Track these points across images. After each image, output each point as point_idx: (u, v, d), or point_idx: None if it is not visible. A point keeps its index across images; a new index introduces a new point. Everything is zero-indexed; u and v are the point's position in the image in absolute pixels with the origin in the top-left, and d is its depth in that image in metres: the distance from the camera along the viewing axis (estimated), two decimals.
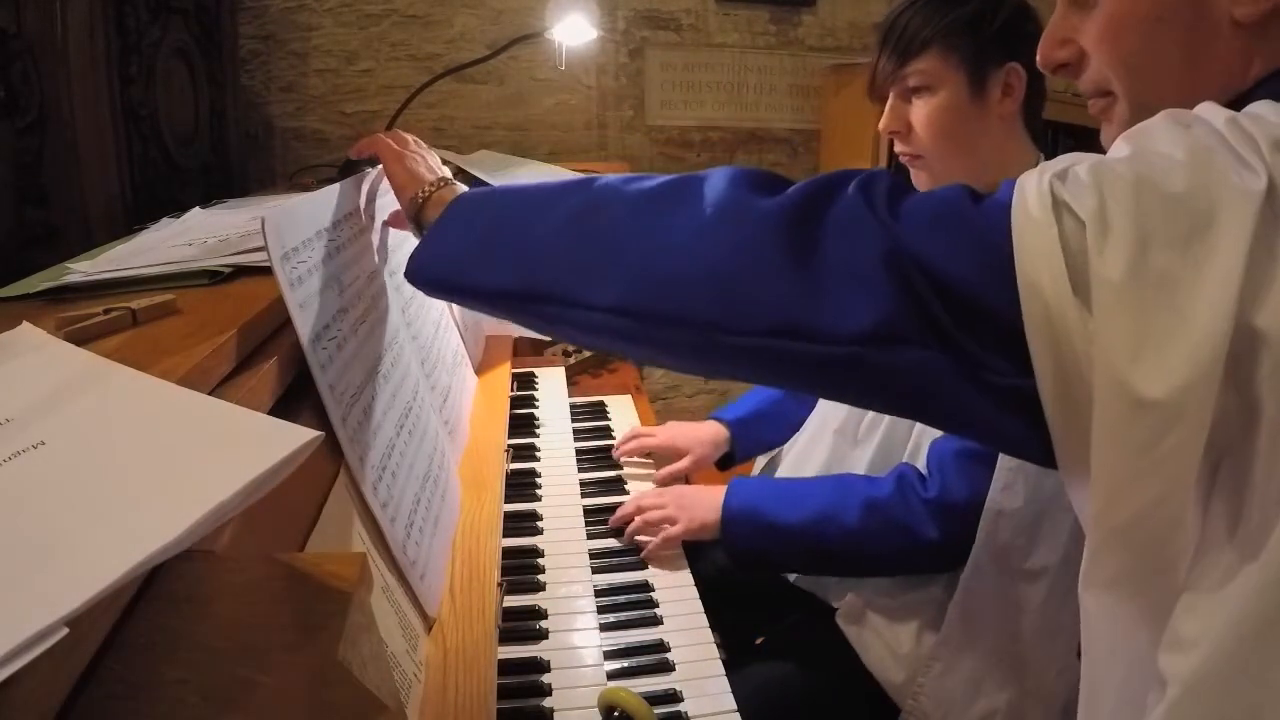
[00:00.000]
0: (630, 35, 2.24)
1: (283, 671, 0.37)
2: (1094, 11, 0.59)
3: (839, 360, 0.52)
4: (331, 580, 0.41)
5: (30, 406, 0.45)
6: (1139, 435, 0.43)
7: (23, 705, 0.30)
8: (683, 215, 0.59)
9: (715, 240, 0.57)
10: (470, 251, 0.70)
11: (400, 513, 0.72)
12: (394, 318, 0.86)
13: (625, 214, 0.63)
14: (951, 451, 1.02)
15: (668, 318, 0.58)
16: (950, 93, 1.06)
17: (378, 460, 0.71)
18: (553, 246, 0.64)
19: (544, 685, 0.89)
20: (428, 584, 0.73)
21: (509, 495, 1.14)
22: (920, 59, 1.05)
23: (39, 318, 0.60)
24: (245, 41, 1.97)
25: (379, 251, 0.88)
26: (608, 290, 0.60)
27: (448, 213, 0.73)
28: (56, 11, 1.19)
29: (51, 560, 0.33)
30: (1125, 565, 0.48)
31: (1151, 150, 0.47)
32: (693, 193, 0.60)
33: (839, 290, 0.52)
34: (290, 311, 0.63)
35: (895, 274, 0.50)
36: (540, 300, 0.64)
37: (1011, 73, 1.05)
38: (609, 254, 0.61)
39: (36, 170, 1.21)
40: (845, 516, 1.04)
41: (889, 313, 0.50)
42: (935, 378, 0.50)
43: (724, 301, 0.55)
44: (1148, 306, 0.43)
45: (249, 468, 0.38)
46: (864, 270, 0.51)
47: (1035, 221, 0.47)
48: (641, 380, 1.84)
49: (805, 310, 0.52)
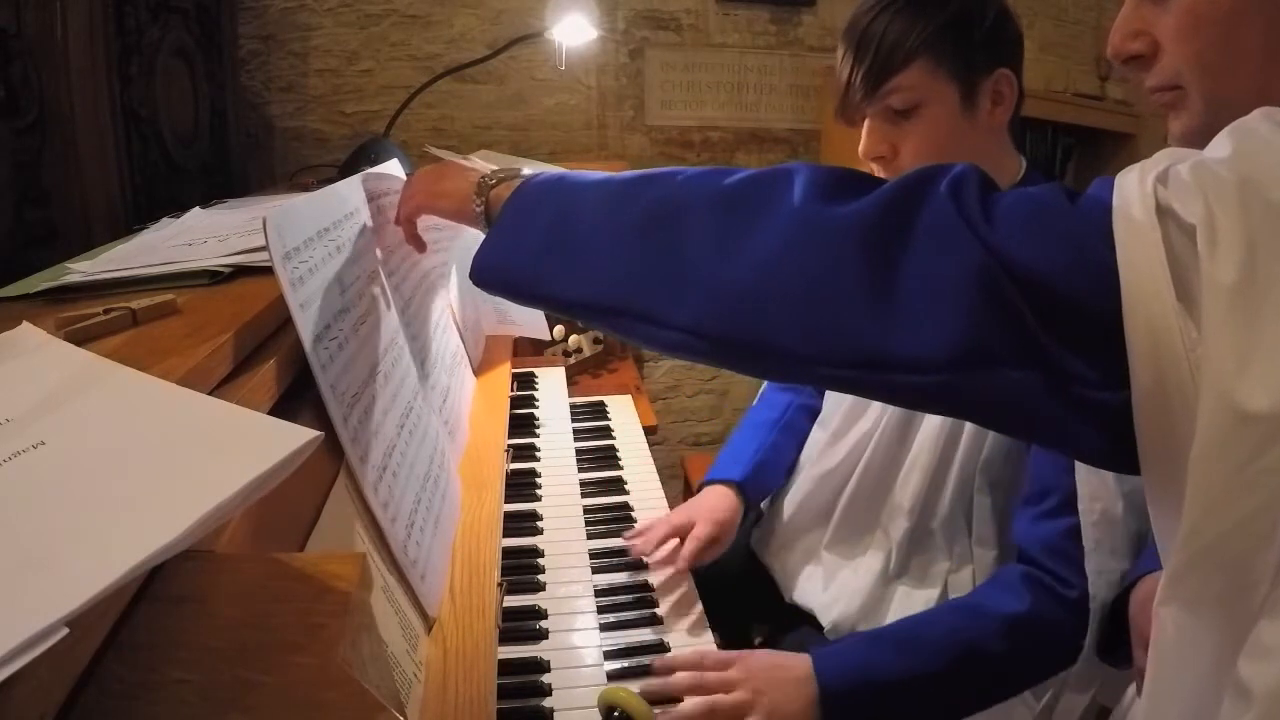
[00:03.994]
0: (630, 35, 2.24)
1: (283, 671, 0.37)
2: (1170, 4, 0.57)
3: (932, 388, 0.50)
4: (331, 580, 0.41)
5: (30, 406, 0.45)
6: (1240, 450, 0.42)
7: (23, 705, 0.30)
8: (759, 228, 0.56)
9: (792, 260, 0.54)
10: (539, 257, 0.67)
11: (401, 513, 0.72)
12: (394, 318, 0.86)
13: (700, 224, 0.59)
14: (1059, 532, 0.89)
15: (746, 345, 0.56)
16: (940, 108, 0.94)
17: (379, 460, 0.71)
18: (626, 257, 0.62)
19: (544, 685, 0.89)
20: (428, 584, 0.73)
21: (509, 495, 1.14)
22: (904, 73, 0.93)
23: (39, 318, 0.60)
24: (245, 41, 1.97)
25: (380, 251, 0.88)
26: (684, 310, 0.58)
27: (512, 207, 0.70)
28: (56, 11, 1.18)
29: (51, 560, 0.33)
30: (1212, 581, 0.46)
31: (1253, 152, 0.45)
32: (770, 200, 0.57)
33: (927, 312, 0.49)
34: (292, 311, 0.63)
35: (988, 290, 0.48)
36: (615, 314, 0.62)
37: (1002, 80, 0.96)
38: (683, 269, 0.58)
39: (36, 170, 1.21)
40: (988, 647, 0.87)
41: (980, 334, 0.48)
42: (1024, 395, 0.49)
43: (805, 331, 0.53)
44: (1256, 317, 0.42)
45: (249, 468, 0.38)
46: (954, 288, 0.49)
47: (1139, 225, 0.45)
48: (642, 380, 1.84)
49: (892, 339, 0.50)
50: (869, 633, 0.98)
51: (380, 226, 0.90)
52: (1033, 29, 2.58)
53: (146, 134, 1.46)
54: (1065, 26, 2.61)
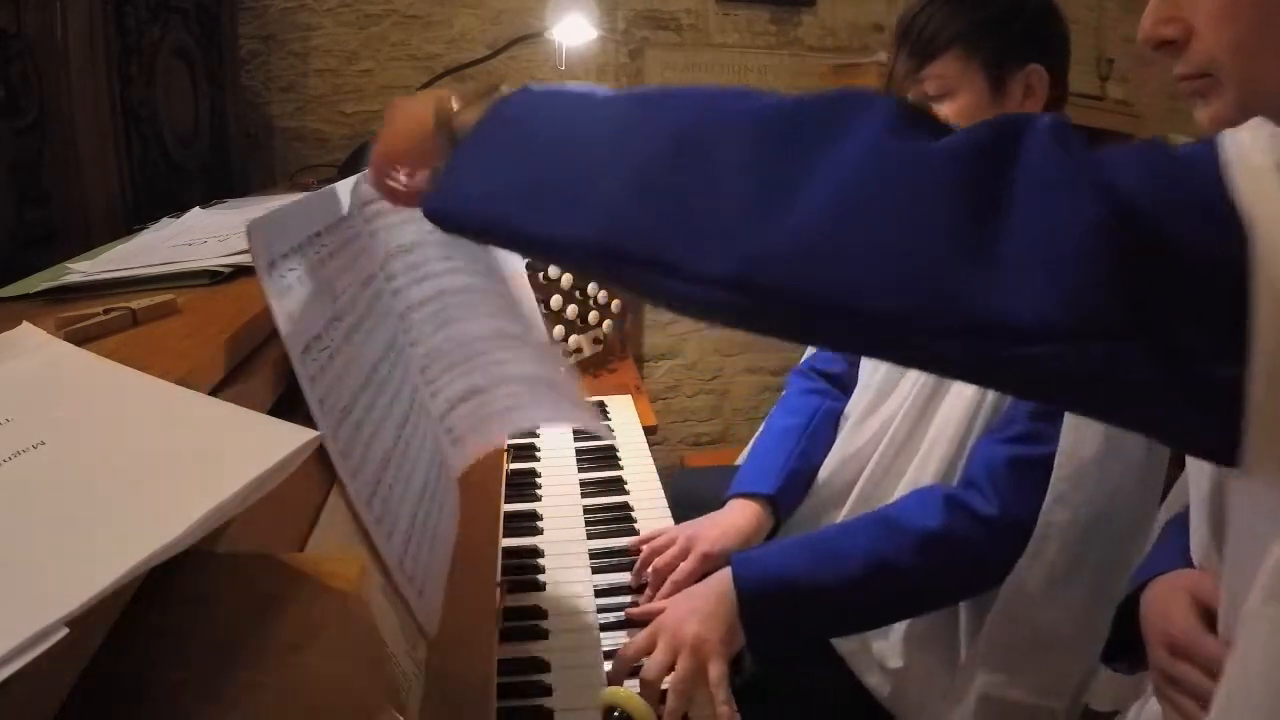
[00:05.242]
0: (630, 35, 2.24)
1: (283, 671, 0.37)
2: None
3: (1041, 360, 0.43)
4: (331, 580, 0.41)
5: (30, 406, 0.45)
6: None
7: (23, 705, 0.30)
8: (826, 161, 0.47)
9: (876, 199, 0.45)
10: (519, 186, 0.55)
11: (397, 528, 0.70)
12: (393, 325, 0.84)
13: (741, 153, 0.49)
14: (1005, 460, 0.93)
15: (810, 302, 0.46)
16: (970, 96, 1.01)
17: (372, 475, 0.69)
18: (638, 191, 0.50)
19: (544, 685, 0.89)
20: (426, 600, 0.71)
21: (509, 495, 1.14)
22: (940, 61, 1.01)
23: (39, 318, 0.60)
24: (245, 41, 1.97)
25: (379, 255, 0.87)
26: (715, 258, 0.48)
27: (484, 124, 0.58)
28: (56, 11, 1.18)
29: (51, 560, 0.33)
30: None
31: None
32: (835, 128, 0.48)
33: (1040, 270, 0.42)
34: (278, 322, 0.60)
35: (1109, 244, 0.42)
36: (620, 260, 0.51)
37: (1033, 74, 1.02)
38: (717, 209, 0.48)
39: (36, 170, 1.21)
40: (900, 561, 0.91)
41: (1099, 294, 0.42)
42: (1128, 369, 0.43)
43: (897, 285, 0.44)
44: None
45: (249, 468, 0.38)
46: (1072, 242, 0.42)
47: (1260, 172, 0.42)
48: (642, 380, 1.84)
49: (1001, 300, 0.43)
50: (791, 539, 1.01)
51: (378, 229, 0.89)
52: None
53: (146, 134, 1.47)
54: None
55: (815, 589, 0.91)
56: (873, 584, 0.91)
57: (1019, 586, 0.94)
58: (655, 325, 2.47)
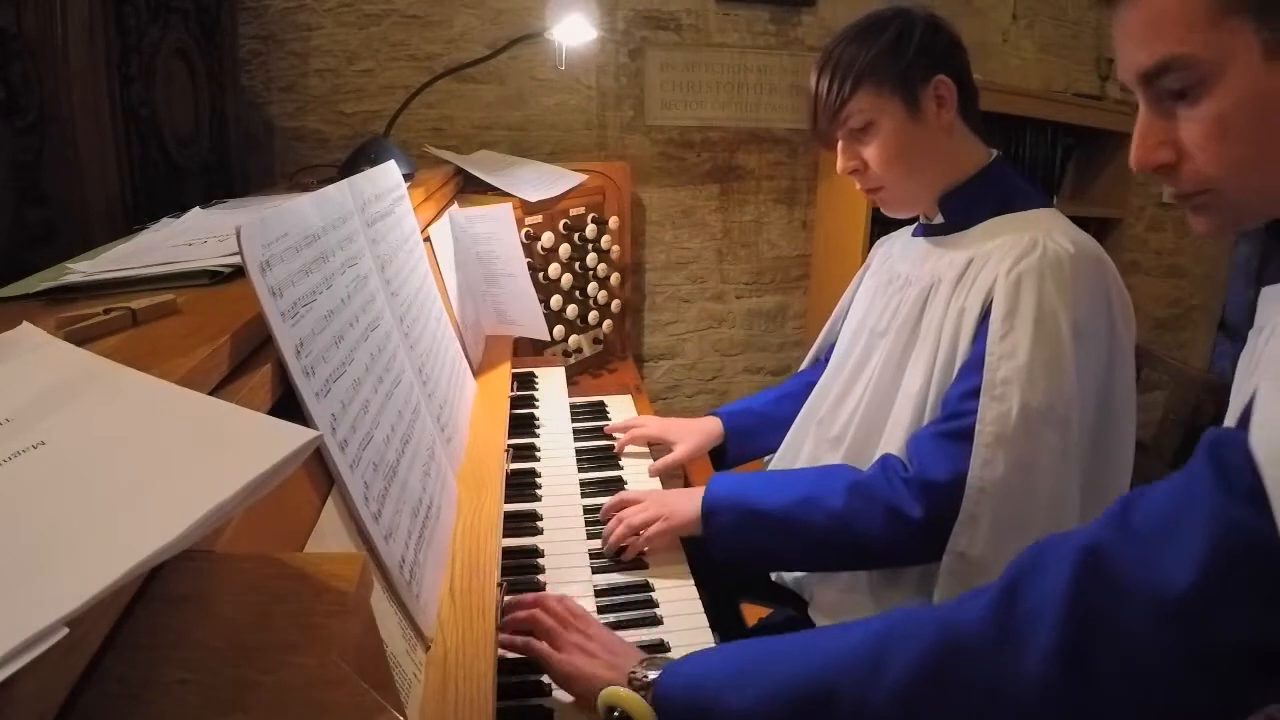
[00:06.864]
0: (630, 35, 2.24)
1: (283, 671, 0.37)
2: (1194, 110, 0.57)
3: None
4: (331, 580, 0.41)
5: (30, 406, 0.45)
6: None
7: (23, 705, 0.30)
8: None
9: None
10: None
11: (397, 528, 0.71)
12: (388, 325, 0.85)
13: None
14: (928, 434, 1.03)
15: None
16: (891, 122, 1.10)
17: (369, 471, 0.69)
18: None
19: (544, 685, 0.89)
20: (423, 602, 0.71)
21: (509, 495, 1.14)
22: (855, 99, 1.10)
23: (39, 318, 0.60)
24: (245, 41, 1.97)
25: (373, 257, 0.87)
26: None
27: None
28: (56, 11, 1.18)
29: (51, 560, 0.33)
30: None
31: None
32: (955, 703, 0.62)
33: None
34: (271, 323, 0.60)
35: (1214, 664, 0.52)
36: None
37: (940, 84, 1.09)
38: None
39: (36, 170, 1.21)
40: (829, 499, 1.05)
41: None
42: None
43: None
44: None
45: (249, 468, 0.38)
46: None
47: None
48: (641, 380, 1.84)
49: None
50: (764, 472, 1.25)
51: (376, 231, 0.89)
52: (1033, 29, 2.58)
53: (146, 134, 1.47)
54: (1065, 26, 2.61)
55: (760, 507, 1.08)
56: (804, 513, 1.06)
57: (962, 554, 0.98)
58: (655, 325, 2.47)
